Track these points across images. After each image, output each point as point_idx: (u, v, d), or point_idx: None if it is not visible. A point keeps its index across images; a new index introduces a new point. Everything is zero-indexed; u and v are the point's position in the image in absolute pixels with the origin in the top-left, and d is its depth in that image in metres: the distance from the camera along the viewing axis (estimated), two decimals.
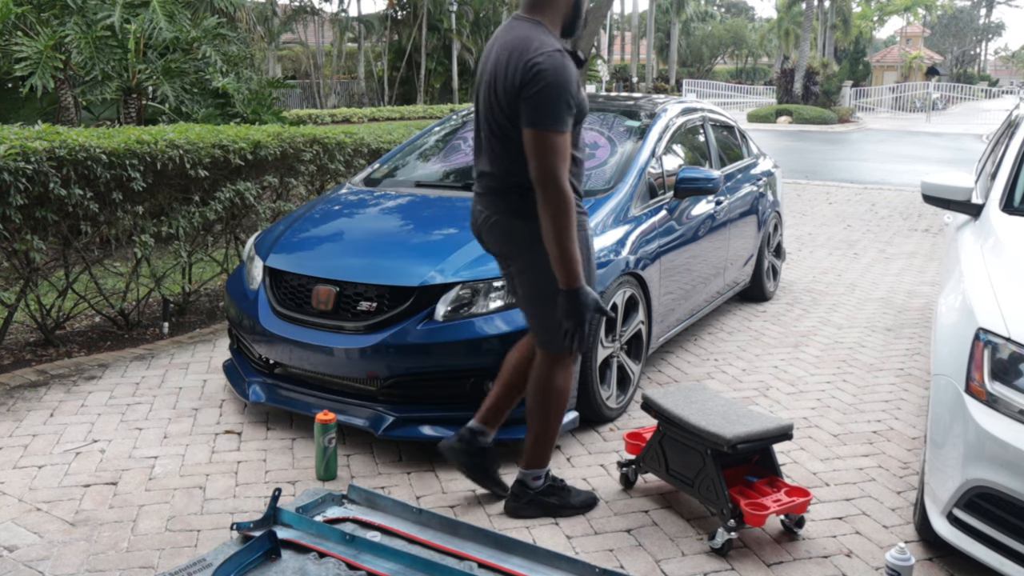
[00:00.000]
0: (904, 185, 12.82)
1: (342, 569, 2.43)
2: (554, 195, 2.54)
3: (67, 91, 8.08)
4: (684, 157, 4.90)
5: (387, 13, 29.74)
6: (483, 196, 2.82)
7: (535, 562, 2.50)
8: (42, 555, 2.67)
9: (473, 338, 3.29)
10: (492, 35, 2.84)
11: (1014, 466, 2.31)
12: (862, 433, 3.77)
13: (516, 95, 2.58)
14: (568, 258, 2.58)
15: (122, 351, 4.73)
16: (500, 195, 2.76)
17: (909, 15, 51.71)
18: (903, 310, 5.89)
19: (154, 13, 7.40)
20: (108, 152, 4.40)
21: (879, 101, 37.08)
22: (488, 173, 2.78)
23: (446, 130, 5.12)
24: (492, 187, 2.77)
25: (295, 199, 6.06)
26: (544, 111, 2.53)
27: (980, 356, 2.50)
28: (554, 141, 2.54)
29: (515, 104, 2.59)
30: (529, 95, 2.54)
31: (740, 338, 5.16)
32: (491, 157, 2.74)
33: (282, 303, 3.65)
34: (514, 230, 2.75)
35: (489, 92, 2.69)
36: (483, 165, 2.80)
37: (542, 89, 2.52)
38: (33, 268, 4.42)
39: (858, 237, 8.65)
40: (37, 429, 3.64)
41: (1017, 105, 4.91)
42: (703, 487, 2.85)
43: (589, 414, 3.64)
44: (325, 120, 17.29)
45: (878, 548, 2.81)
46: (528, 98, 2.54)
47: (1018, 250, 3.03)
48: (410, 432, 3.34)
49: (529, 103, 2.54)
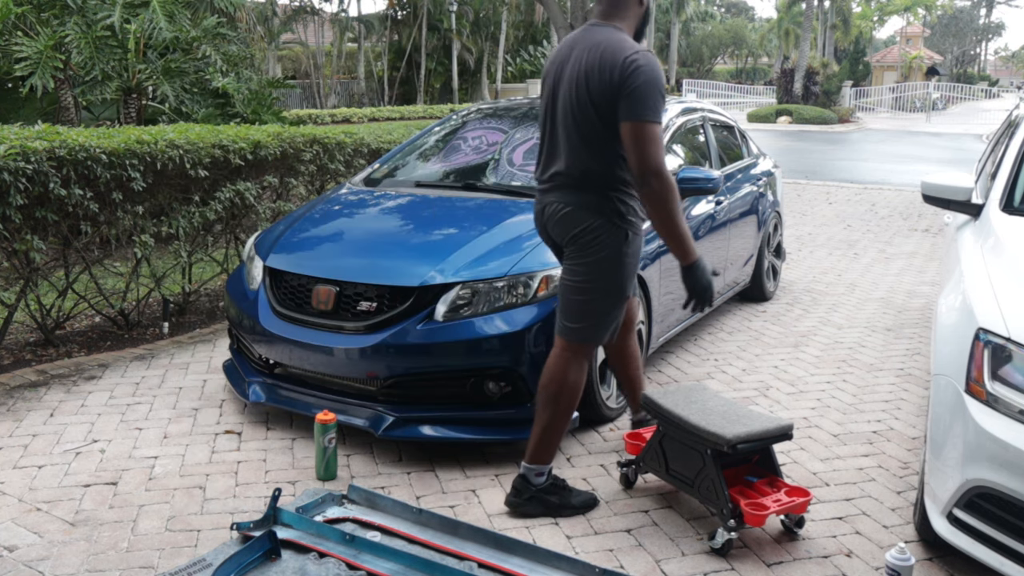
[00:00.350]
0: (904, 185, 12.82)
1: (342, 569, 2.43)
2: (658, 182, 2.68)
3: (67, 91, 8.08)
4: (684, 157, 4.90)
5: (387, 13, 29.76)
6: (555, 191, 2.92)
7: (535, 562, 2.50)
8: (42, 555, 2.67)
9: (473, 338, 3.29)
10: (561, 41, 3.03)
11: (1014, 466, 2.31)
12: (862, 433, 3.77)
13: (615, 92, 2.71)
14: (682, 237, 2.76)
15: (122, 351, 4.73)
16: (577, 191, 2.86)
17: (909, 15, 51.70)
18: (903, 310, 5.89)
19: (154, 13, 7.40)
20: (108, 152, 4.40)
21: (879, 101, 37.09)
22: (564, 171, 2.88)
23: (446, 130, 5.12)
24: (569, 183, 2.87)
25: (295, 199, 6.06)
26: (644, 104, 2.68)
27: (980, 356, 2.50)
28: (653, 131, 2.69)
29: (611, 101, 2.73)
30: (629, 90, 2.68)
31: (740, 338, 5.16)
32: (571, 155, 2.85)
33: (282, 303, 3.65)
34: (583, 223, 2.84)
35: (575, 92, 2.81)
36: (558, 163, 2.90)
37: (641, 84, 2.68)
38: (33, 268, 4.42)
39: (858, 237, 8.65)
40: (37, 429, 3.64)
41: (1017, 105, 4.91)
42: (703, 487, 2.85)
43: (589, 414, 3.64)
44: (325, 120, 17.30)
45: (878, 548, 2.81)
46: (628, 93, 2.68)
47: (1018, 250, 3.03)
48: (410, 432, 3.34)
49: (629, 98, 2.68)
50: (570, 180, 2.86)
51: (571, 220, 2.86)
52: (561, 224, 2.89)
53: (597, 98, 2.75)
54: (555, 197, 2.91)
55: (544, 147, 2.98)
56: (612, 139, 2.78)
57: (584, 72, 2.79)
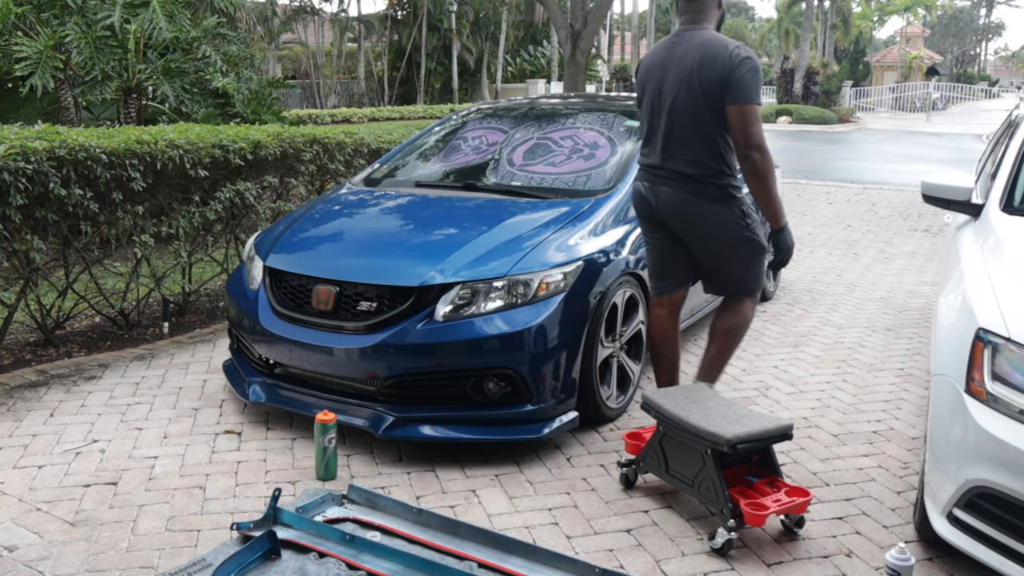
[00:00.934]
0: (904, 185, 12.82)
1: (342, 569, 2.43)
2: (760, 155, 3.18)
3: (67, 91, 8.08)
4: None
5: (387, 13, 29.75)
6: (670, 181, 3.34)
7: (535, 562, 2.50)
8: (42, 555, 2.67)
9: (473, 338, 3.29)
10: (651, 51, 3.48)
11: (1014, 466, 2.31)
12: (862, 433, 3.77)
13: (724, 81, 3.16)
14: (776, 204, 3.28)
15: (122, 351, 4.73)
16: (690, 182, 3.30)
17: (909, 15, 51.70)
18: (903, 310, 5.89)
19: (154, 13, 7.40)
20: (108, 152, 4.40)
21: (879, 101, 37.09)
22: (679, 163, 3.31)
23: (446, 130, 5.12)
24: (684, 174, 3.31)
25: (295, 199, 6.06)
26: (750, 89, 3.17)
27: (980, 356, 2.50)
28: (756, 112, 3.18)
29: (720, 90, 3.18)
30: (737, 77, 3.15)
31: None
32: (686, 149, 3.28)
33: (282, 303, 3.65)
34: (702, 211, 3.32)
35: (686, 88, 3.24)
36: (671, 157, 3.33)
37: (747, 72, 3.17)
38: (33, 268, 4.42)
39: (858, 237, 8.65)
40: (37, 429, 3.64)
41: (1017, 105, 4.91)
42: (703, 487, 2.85)
43: (589, 414, 3.64)
44: (325, 120, 17.29)
45: (878, 548, 2.81)
46: (736, 80, 3.15)
47: (1018, 250, 3.03)
48: (410, 432, 3.34)
49: (737, 84, 3.15)
50: (689, 167, 3.29)
51: (690, 209, 3.33)
52: (677, 212, 3.36)
53: (707, 89, 3.19)
54: (670, 188, 3.35)
55: (655, 140, 3.38)
56: (722, 127, 3.23)
57: (695, 68, 3.21)
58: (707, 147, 3.26)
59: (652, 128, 3.40)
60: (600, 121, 4.72)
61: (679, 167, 3.31)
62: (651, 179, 3.42)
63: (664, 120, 3.32)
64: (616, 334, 3.78)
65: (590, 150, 4.44)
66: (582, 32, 11.97)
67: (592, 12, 12.05)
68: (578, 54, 12.06)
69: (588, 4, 12.10)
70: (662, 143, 3.34)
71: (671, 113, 3.29)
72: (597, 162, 4.33)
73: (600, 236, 3.77)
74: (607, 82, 34.88)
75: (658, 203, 3.40)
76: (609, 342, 3.73)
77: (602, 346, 3.65)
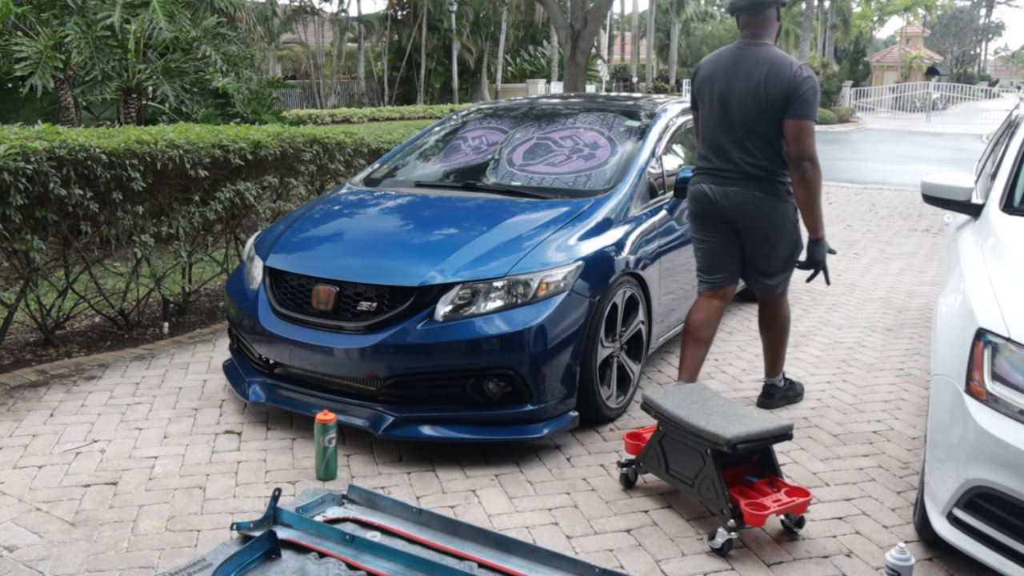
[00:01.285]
0: (904, 185, 12.82)
1: (342, 569, 2.43)
2: (811, 166, 3.49)
3: (67, 91, 8.08)
4: (684, 157, 4.90)
5: (387, 13, 29.76)
6: (739, 181, 3.62)
7: (535, 562, 2.50)
8: (42, 555, 2.67)
9: (473, 338, 3.29)
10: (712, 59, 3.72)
11: (1014, 466, 2.31)
12: (862, 433, 3.77)
13: (788, 96, 3.46)
14: (819, 214, 3.59)
15: (122, 351, 4.73)
16: (757, 181, 3.60)
17: (909, 15, 51.73)
18: (903, 310, 5.89)
19: (154, 13, 7.40)
20: (108, 152, 4.39)
21: (879, 101, 37.10)
22: (746, 165, 3.60)
23: (446, 130, 5.12)
24: (751, 175, 3.60)
25: (295, 199, 6.06)
26: (809, 106, 3.47)
27: (980, 356, 2.50)
28: (812, 127, 3.49)
29: (783, 105, 3.47)
30: (799, 94, 3.45)
31: (740, 338, 5.16)
32: (752, 153, 3.58)
33: (282, 303, 3.65)
34: (770, 207, 3.62)
35: (754, 100, 3.53)
36: (738, 160, 3.61)
37: (808, 90, 3.46)
38: (33, 268, 4.42)
39: (858, 237, 8.65)
40: (37, 429, 3.64)
41: (1017, 105, 4.91)
42: (703, 487, 2.85)
43: (589, 414, 3.64)
44: (325, 120, 17.30)
45: (878, 548, 2.81)
46: (798, 97, 3.45)
47: (1018, 250, 3.03)
48: (410, 432, 3.34)
49: (798, 100, 3.45)
50: (750, 173, 3.60)
51: (755, 206, 3.61)
52: (743, 210, 3.63)
53: (772, 103, 3.49)
54: (737, 187, 3.62)
55: (721, 145, 3.64)
56: (781, 135, 3.53)
57: (762, 83, 3.51)
58: (770, 152, 3.57)
59: (716, 135, 3.66)
60: (600, 121, 4.73)
61: (746, 168, 3.60)
62: (718, 180, 3.67)
63: (730, 128, 3.61)
64: (616, 334, 3.78)
65: (590, 150, 4.44)
66: (582, 32, 11.97)
67: (592, 12, 12.05)
68: (578, 54, 12.06)
69: (588, 4, 12.09)
70: (729, 148, 3.62)
71: (738, 122, 3.58)
72: (597, 162, 4.33)
73: (600, 236, 3.77)
74: (607, 82, 34.89)
75: (726, 202, 3.65)
76: (609, 342, 3.73)
77: (602, 346, 3.65)
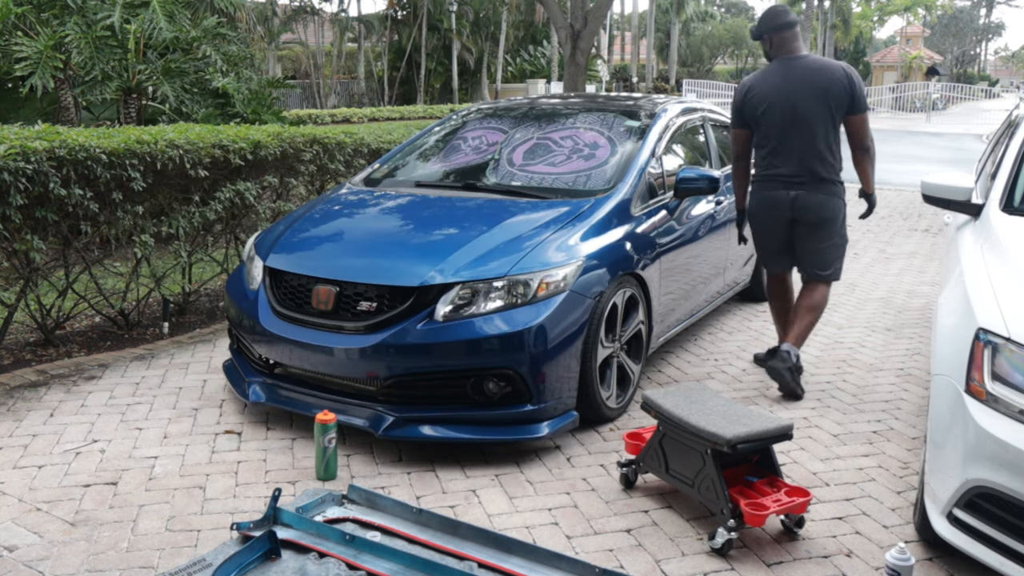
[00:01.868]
0: (904, 185, 12.82)
1: (342, 569, 2.43)
2: (872, 145, 4.18)
3: (67, 91, 8.08)
4: (684, 157, 4.90)
5: (387, 13, 29.77)
6: (808, 184, 4.13)
7: (535, 562, 2.50)
8: (42, 555, 2.67)
9: (473, 338, 3.29)
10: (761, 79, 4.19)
11: (1014, 466, 2.31)
12: (862, 433, 3.77)
13: (851, 95, 4.05)
14: (873, 175, 4.25)
15: (122, 351, 4.73)
16: (825, 181, 4.13)
17: (909, 15, 51.70)
18: (903, 310, 5.89)
19: (154, 13, 7.40)
20: (108, 152, 4.40)
21: (879, 101, 37.06)
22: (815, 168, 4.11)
23: (446, 130, 5.12)
24: (819, 177, 4.12)
25: (295, 199, 6.06)
26: (865, 100, 4.13)
27: (980, 356, 2.50)
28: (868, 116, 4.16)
29: (849, 102, 4.05)
30: (858, 91, 4.07)
31: (740, 338, 5.16)
32: (817, 157, 4.10)
33: (282, 303, 3.65)
34: (833, 205, 4.16)
35: (822, 106, 4.05)
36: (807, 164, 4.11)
37: (860, 86, 4.10)
38: (33, 268, 4.42)
39: (858, 237, 8.65)
40: (37, 429, 3.64)
41: (1017, 105, 4.91)
42: (703, 487, 2.85)
43: (589, 414, 3.64)
44: (325, 120, 17.31)
45: (878, 548, 2.81)
46: (857, 93, 4.06)
47: (1018, 250, 3.03)
48: (410, 432, 3.34)
49: (859, 96, 4.08)
50: (823, 171, 4.10)
51: (824, 206, 4.13)
52: (812, 210, 4.13)
53: (838, 104, 4.05)
54: (806, 191, 4.13)
55: (789, 152, 4.11)
56: (838, 134, 4.12)
57: (825, 88, 4.04)
58: (831, 153, 4.11)
59: (782, 142, 4.13)
60: (600, 121, 4.72)
61: (814, 171, 4.10)
62: (787, 185, 4.15)
63: (798, 135, 4.08)
64: (616, 334, 3.78)
65: (590, 150, 4.44)
66: (582, 32, 11.97)
67: (592, 12, 12.04)
68: (578, 54, 12.06)
69: (588, 4, 12.09)
70: (799, 154, 4.10)
71: (806, 128, 4.07)
72: (597, 162, 4.33)
73: (600, 236, 3.77)
74: (607, 82, 34.90)
75: (796, 203, 4.14)
76: (609, 342, 3.73)
77: (602, 346, 3.65)
